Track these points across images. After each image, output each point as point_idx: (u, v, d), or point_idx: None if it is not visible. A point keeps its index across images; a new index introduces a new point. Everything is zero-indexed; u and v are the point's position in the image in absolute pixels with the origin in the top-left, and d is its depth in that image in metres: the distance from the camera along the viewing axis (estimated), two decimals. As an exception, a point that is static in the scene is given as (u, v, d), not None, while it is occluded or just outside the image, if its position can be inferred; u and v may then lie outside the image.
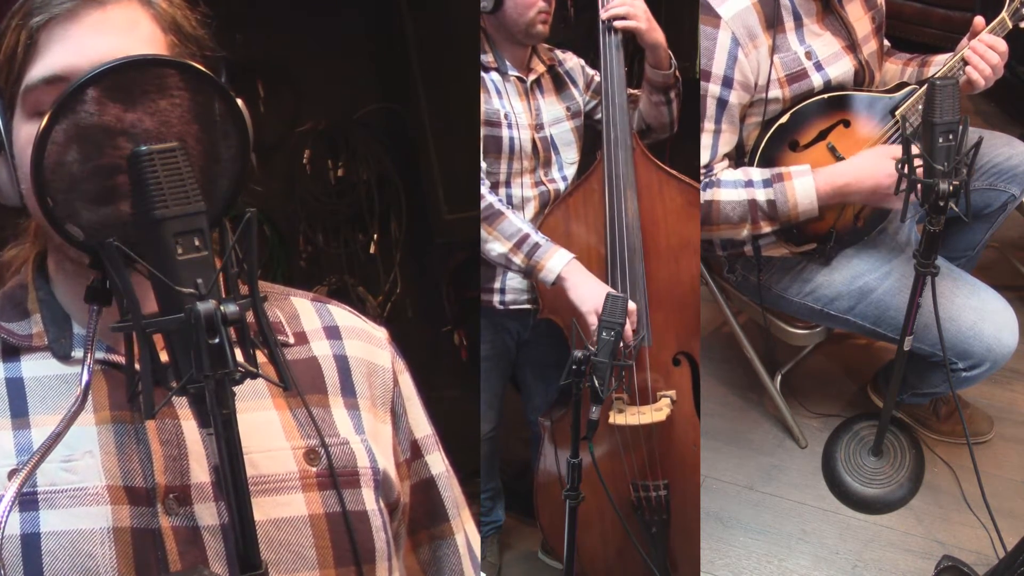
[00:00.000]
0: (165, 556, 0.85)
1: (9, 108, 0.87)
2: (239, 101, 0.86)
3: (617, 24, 1.73)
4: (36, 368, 0.92)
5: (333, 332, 1.03)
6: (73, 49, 0.85)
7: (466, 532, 1.10)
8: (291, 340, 1.00)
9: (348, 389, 1.00)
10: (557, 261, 1.67)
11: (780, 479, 2.24)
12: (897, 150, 1.68)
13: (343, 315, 1.06)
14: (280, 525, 0.89)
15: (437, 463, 1.08)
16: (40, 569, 0.81)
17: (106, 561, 0.83)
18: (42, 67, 0.86)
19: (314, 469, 0.92)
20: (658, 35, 1.75)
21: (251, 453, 0.87)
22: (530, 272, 1.70)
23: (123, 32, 0.87)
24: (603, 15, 1.74)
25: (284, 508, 0.90)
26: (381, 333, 1.08)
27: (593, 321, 1.64)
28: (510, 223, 1.70)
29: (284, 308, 1.04)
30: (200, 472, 0.88)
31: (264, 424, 0.93)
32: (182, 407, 0.90)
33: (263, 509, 0.88)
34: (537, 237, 1.70)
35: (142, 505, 0.86)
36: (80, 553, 0.83)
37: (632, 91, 1.88)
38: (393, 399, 1.04)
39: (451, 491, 1.09)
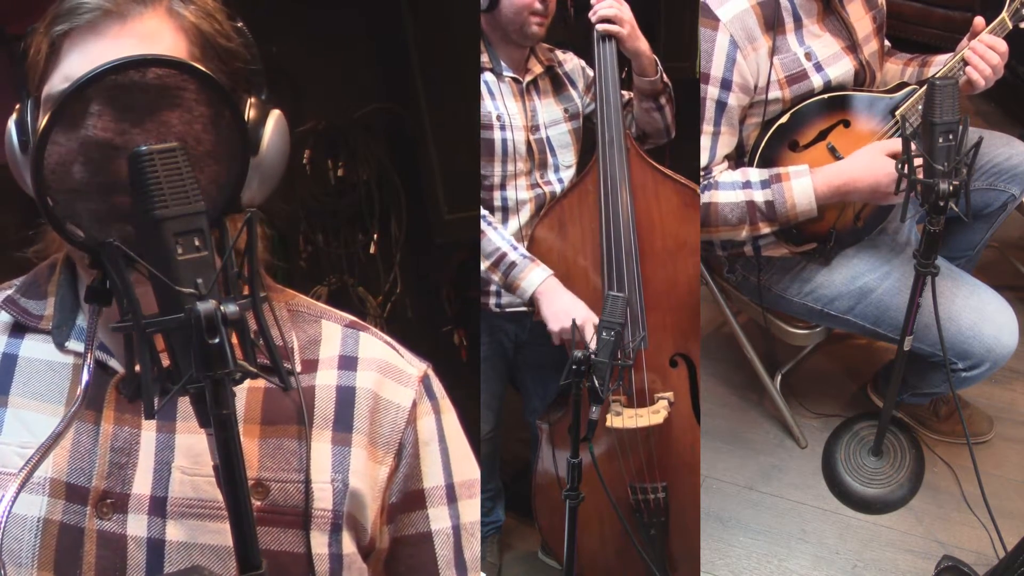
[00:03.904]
0: (81, 556, 0.87)
1: (36, 109, 0.89)
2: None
3: (600, 28, 1.73)
4: (34, 349, 0.94)
5: (349, 362, 1.00)
6: (90, 61, 0.84)
7: None
8: (297, 368, 0.98)
9: (343, 423, 0.97)
10: (532, 281, 1.68)
11: (780, 479, 2.24)
12: (894, 145, 1.68)
13: (372, 346, 1.03)
14: (205, 551, 0.89)
15: (441, 518, 1.02)
16: None
17: (28, 548, 0.86)
18: (59, 78, 0.87)
19: (256, 503, 0.91)
20: (640, 43, 1.75)
21: (196, 476, 0.90)
22: (509, 290, 1.72)
23: (142, 44, 0.87)
24: (592, 16, 1.74)
25: (212, 536, 0.89)
26: (413, 370, 1.03)
27: (556, 341, 1.67)
28: (489, 241, 1.70)
29: (308, 331, 1.01)
30: (143, 484, 0.89)
31: None
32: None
33: (191, 532, 0.89)
34: (514, 255, 1.70)
35: (76, 504, 0.88)
36: (9, 535, 0.85)
37: (630, 94, 1.88)
38: (401, 440, 1.00)
39: (449, 551, 1.02)
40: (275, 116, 0.92)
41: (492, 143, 1.75)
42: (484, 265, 1.71)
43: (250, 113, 0.89)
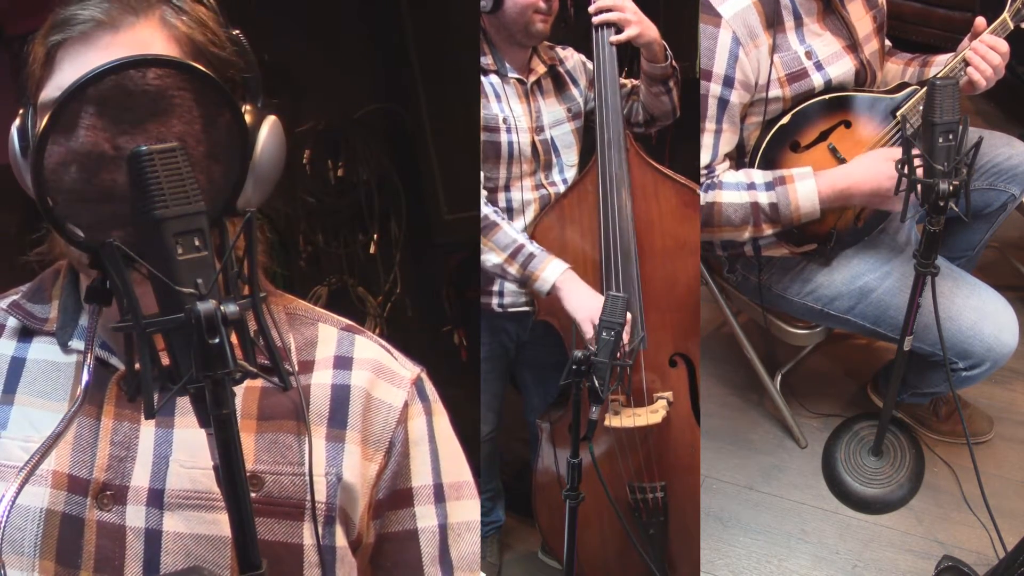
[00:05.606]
0: (82, 546, 0.89)
1: (34, 116, 0.91)
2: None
3: (612, 40, 1.73)
4: (40, 351, 0.97)
5: (344, 363, 1.02)
6: (82, 71, 0.85)
7: None
8: (293, 369, 0.99)
9: (338, 420, 0.98)
10: (552, 271, 1.68)
11: (780, 479, 2.24)
12: (897, 152, 1.68)
13: (367, 347, 1.04)
14: (200, 541, 0.90)
15: (427, 516, 1.03)
16: None
17: (31, 538, 0.88)
18: (52, 87, 0.89)
19: (251, 495, 0.90)
20: (651, 32, 1.75)
21: (193, 469, 0.92)
22: (525, 282, 1.70)
23: (133, 52, 0.87)
24: (594, 19, 1.74)
25: (209, 526, 0.91)
26: (407, 372, 1.05)
27: (588, 330, 1.64)
28: (505, 234, 1.70)
29: (305, 333, 1.03)
30: (142, 476, 0.91)
31: None
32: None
33: (188, 523, 0.91)
34: (532, 247, 1.70)
35: (78, 495, 0.90)
36: (12, 526, 0.88)
37: (633, 81, 1.88)
38: (391, 439, 1.01)
39: (434, 549, 1.03)
40: (270, 122, 0.93)
41: (498, 146, 1.75)
42: (499, 258, 1.70)
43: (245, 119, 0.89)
